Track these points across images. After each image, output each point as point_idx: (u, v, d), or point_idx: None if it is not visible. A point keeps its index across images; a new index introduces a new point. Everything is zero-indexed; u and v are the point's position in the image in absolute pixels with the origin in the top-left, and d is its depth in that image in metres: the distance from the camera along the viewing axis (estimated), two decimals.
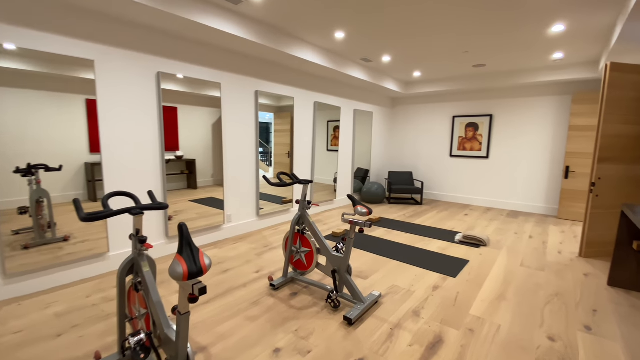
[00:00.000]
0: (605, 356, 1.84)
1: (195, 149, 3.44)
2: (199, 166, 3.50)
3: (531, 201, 5.68)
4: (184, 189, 3.40)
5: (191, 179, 3.45)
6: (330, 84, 5.31)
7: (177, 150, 3.30)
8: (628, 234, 2.66)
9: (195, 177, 3.49)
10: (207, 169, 3.57)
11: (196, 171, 3.49)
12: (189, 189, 3.45)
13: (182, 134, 3.30)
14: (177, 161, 3.32)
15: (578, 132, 4.99)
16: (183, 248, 1.20)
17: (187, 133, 3.34)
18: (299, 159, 4.84)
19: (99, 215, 1.38)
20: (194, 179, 3.48)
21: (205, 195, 3.58)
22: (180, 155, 3.33)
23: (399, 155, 7.24)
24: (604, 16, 2.99)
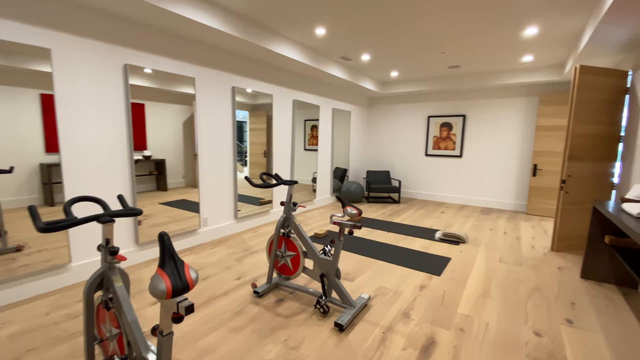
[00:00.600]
0: (589, 348, 1.90)
1: (164, 148, 3.20)
2: (169, 166, 3.26)
3: (502, 198, 5.93)
4: (152, 190, 3.15)
5: (160, 180, 3.21)
6: (310, 82, 5.21)
7: (144, 150, 3.05)
8: (599, 228, 2.79)
9: (165, 178, 3.25)
10: (177, 169, 3.34)
11: (166, 172, 3.25)
12: (159, 191, 3.20)
13: (150, 132, 3.05)
14: (145, 161, 3.06)
15: (545, 132, 5.26)
16: (165, 261, 1.05)
17: (156, 131, 3.10)
18: (277, 158, 4.69)
19: (60, 224, 1.19)
20: (164, 180, 3.24)
21: (176, 198, 3.34)
22: (149, 155, 3.08)
23: (377, 154, 7.29)
24: (575, 20, 3.13)
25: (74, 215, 1.29)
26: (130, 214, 1.46)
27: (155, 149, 3.12)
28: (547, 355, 1.84)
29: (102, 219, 1.33)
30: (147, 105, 3.00)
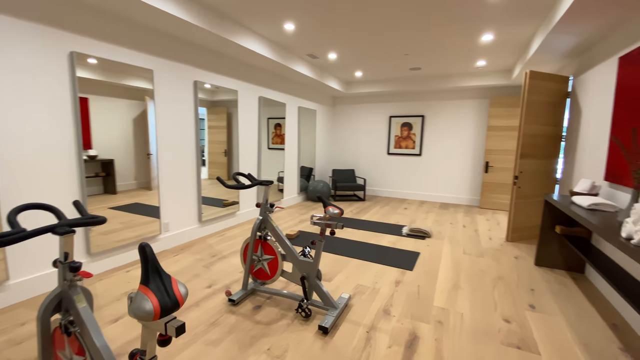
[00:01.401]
0: (553, 330, 2.07)
1: (112, 147, 2.86)
2: (118, 167, 2.93)
3: (458, 193, 6.32)
4: (99, 194, 2.80)
5: (108, 182, 2.87)
6: (276, 79, 5.07)
7: (89, 150, 2.70)
8: (551, 219, 3.08)
9: (114, 180, 2.91)
10: (128, 170, 3.01)
11: (115, 173, 2.92)
12: (107, 194, 2.86)
13: (95, 130, 2.71)
14: (90, 162, 2.72)
15: (495, 132, 5.70)
16: (149, 276, 0.91)
17: (102, 129, 2.75)
18: (243, 157, 4.49)
19: (8, 238, 0.98)
20: (112, 183, 2.90)
21: (128, 201, 3.02)
22: (94, 154, 2.74)
23: (341, 153, 7.35)
24: (527, 29, 3.41)
25: (21, 227, 1.08)
26: (91, 222, 1.27)
27: (101, 148, 2.78)
28: (519, 340, 1.97)
29: (59, 230, 1.13)
30: (91, 100, 2.65)
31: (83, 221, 1.25)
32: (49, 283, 2.45)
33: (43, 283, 2.41)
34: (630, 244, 1.52)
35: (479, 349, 1.87)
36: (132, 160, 3.04)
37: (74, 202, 1.41)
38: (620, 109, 2.50)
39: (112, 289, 2.51)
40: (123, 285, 2.57)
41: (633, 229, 1.56)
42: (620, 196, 2.46)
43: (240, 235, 3.96)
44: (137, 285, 2.57)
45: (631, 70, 2.35)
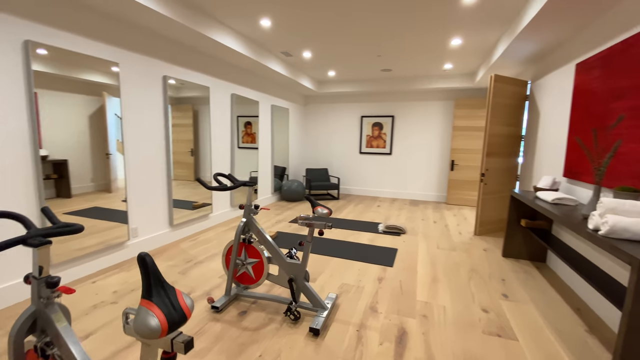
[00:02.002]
0: (526, 317, 2.22)
1: (65, 147, 2.58)
2: (72, 169, 2.66)
3: (426, 190, 6.59)
4: (51, 198, 2.51)
5: (62, 185, 2.59)
6: (249, 76, 4.92)
7: (39, 149, 2.43)
8: (516, 214, 3.31)
9: (68, 183, 2.64)
10: (84, 171, 2.74)
11: (69, 175, 2.64)
12: (60, 198, 2.58)
13: (45, 128, 2.44)
14: (41, 163, 2.44)
15: (460, 132, 6.02)
16: (152, 289, 0.82)
17: (53, 127, 2.48)
18: (215, 157, 4.31)
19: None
20: (66, 185, 2.62)
21: (85, 205, 2.75)
22: (45, 155, 2.46)
23: (314, 152, 7.34)
24: (492, 35, 3.62)
25: None
26: (67, 230, 1.13)
27: (53, 147, 2.50)
28: (498, 328, 2.09)
29: (33, 241, 1.00)
30: (40, 95, 2.38)
31: (58, 230, 1.11)
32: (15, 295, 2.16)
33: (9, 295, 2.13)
34: (597, 235, 1.67)
35: (464, 340, 1.96)
36: (89, 161, 2.77)
37: (43, 208, 1.25)
38: (577, 112, 2.74)
39: (78, 303, 2.28)
40: (91, 298, 2.35)
41: (600, 221, 1.72)
42: (577, 191, 2.71)
43: (214, 238, 3.80)
44: (106, 297, 2.36)
45: (587, 76, 2.59)
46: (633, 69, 2.03)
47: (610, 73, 2.28)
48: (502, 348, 1.88)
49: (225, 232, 4.06)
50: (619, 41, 2.18)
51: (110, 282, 2.59)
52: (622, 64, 2.15)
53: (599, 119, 2.39)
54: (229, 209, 4.64)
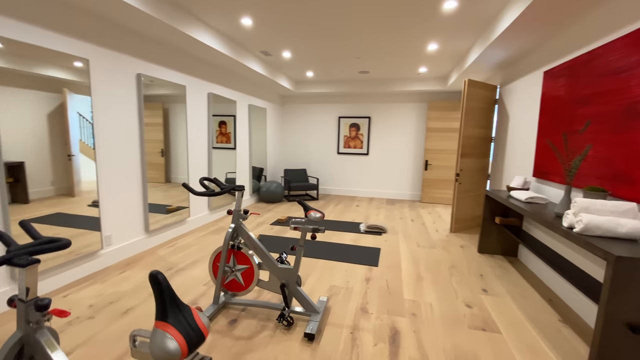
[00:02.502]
0: (505, 310, 2.36)
1: (20, 148, 2.36)
2: (30, 172, 2.43)
3: (401, 190, 6.79)
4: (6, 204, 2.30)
5: (18, 189, 2.37)
6: (226, 75, 4.77)
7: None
8: (491, 211, 3.50)
9: (25, 187, 2.41)
10: (43, 174, 2.51)
11: (26, 179, 2.42)
12: (16, 204, 2.35)
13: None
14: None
15: (433, 133, 6.25)
16: (167, 309, 0.77)
17: (7, 126, 2.26)
18: (193, 157, 4.14)
19: None
20: (23, 190, 2.39)
21: (46, 211, 2.53)
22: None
23: (292, 153, 7.29)
24: (466, 41, 3.79)
25: None
26: (55, 247, 1.04)
27: (6, 149, 2.27)
28: (482, 322, 2.20)
29: (20, 260, 0.90)
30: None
31: (44, 247, 1.02)
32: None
33: None
34: (572, 232, 1.81)
35: (452, 335, 2.04)
36: (49, 163, 2.54)
37: (21, 222, 1.14)
38: (545, 116, 2.95)
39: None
40: None
41: (574, 219, 1.86)
42: (546, 190, 2.91)
43: (194, 244, 3.65)
44: (82, 312, 2.18)
45: (554, 84, 2.80)
46: (597, 79, 2.22)
47: (576, 81, 2.48)
48: (487, 342, 1.98)
49: (204, 236, 3.92)
50: (584, 52, 2.38)
51: (84, 296, 2.41)
52: (587, 73, 2.34)
53: (566, 123, 2.59)
54: (206, 212, 4.49)
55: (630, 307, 1.46)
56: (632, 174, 1.88)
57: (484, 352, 1.88)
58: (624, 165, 1.95)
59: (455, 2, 2.77)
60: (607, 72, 2.13)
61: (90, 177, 2.81)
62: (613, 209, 1.76)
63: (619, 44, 2.02)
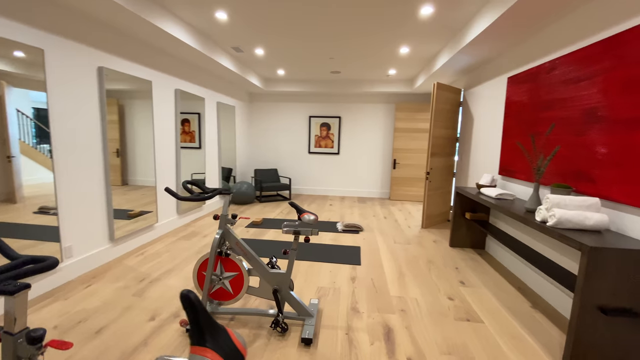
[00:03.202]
0: (483, 300, 2.52)
1: None
2: None
3: (371, 188, 6.97)
4: None
5: None
6: (195, 70, 4.51)
7: None
8: (461, 207, 3.71)
9: None
10: None
11: None
12: None
13: None
14: None
15: (400, 133, 6.49)
16: (204, 333, 0.70)
17: None
18: (160, 158, 3.87)
19: None
20: None
21: None
22: None
23: (262, 152, 7.12)
24: (436, 46, 3.98)
25: None
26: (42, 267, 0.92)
27: None
28: (465, 313, 2.33)
29: (7, 287, 0.77)
30: None
31: (31, 268, 0.88)
32: None
33: None
34: (545, 226, 1.98)
35: (441, 328, 2.13)
36: None
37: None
38: (509, 119, 3.19)
39: None
40: None
41: (547, 214, 2.04)
42: (511, 186, 3.16)
43: (165, 251, 3.42)
44: (47, 335, 1.93)
45: (518, 89, 3.04)
46: (559, 86, 2.45)
47: (539, 87, 2.71)
48: (473, 331, 2.11)
49: (175, 243, 3.68)
50: (547, 61, 2.61)
51: (46, 315, 2.13)
52: (549, 80, 2.57)
53: (530, 126, 2.83)
54: (175, 216, 4.22)
55: (601, 292, 1.63)
56: (592, 172, 2.10)
57: (472, 342, 2.00)
58: (584, 165, 2.18)
59: (432, 7, 2.89)
60: (567, 80, 2.35)
61: (33, 181, 2.49)
62: (580, 204, 1.96)
63: (578, 55, 2.24)
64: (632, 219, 1.81)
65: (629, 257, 1.59)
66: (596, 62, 2.08)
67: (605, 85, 2.00)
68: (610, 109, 1.97)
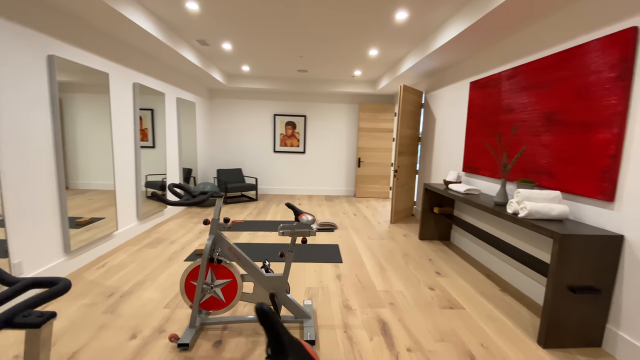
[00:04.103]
0: (460, 288, 2.73)
1: None
2: None
3: (337, 186, 7.09)
4: None
5: None
6: (155, 63, 4.14)
7: None
8: (429, 202, 3.96)
9: None
10: None
11: None
12: None
13: None
14: None
15: (364, 133, 6.70)
16: (287, 349, 0.66)
17: None
18: (118, 158, 3.50)
19: None
20: None
21: None
22: None
23: (225, 151, 6.81)
24: (403, 50, 4.17)
25: None
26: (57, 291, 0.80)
27: None
28: (447, 302, 2.50)
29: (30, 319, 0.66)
30: None
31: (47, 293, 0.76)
32: None
33: None
34: (517, 217, 2.21)
35: (430, 317, 2.27)
36: None
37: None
38: (473, 120, 3.49)
39: None
40: None
41: (517, 207, 2.27)
42: (474, 182, 3.46)
43: (130, 261, 3.11)
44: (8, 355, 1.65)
45: (481, 93, 3.33)
46: (520, 91, 2.73)
47: (500, 92, 3.00)
48: (457, 317, 2.27)
49: (139, 251, 3.37)
50: (509, 68, 2.90)
51: (2, 344, 1.81)
52: (510, 86, 2.86)
53: (493, 127, 3.12)
54: (135, 223, 3.86)
55: (569, 273, 1.88)
56: (551, 168, 2.39)
57: (458, 327, 2.15)
58: (544, 162, 2.47)
59: (406, 13, 3.02)
60: (528, 86, 2.64)
61: None
62: (545, 197, 2.22)
63: (537, 65, 2.53)
64: (588, 208, 2.10)
65: (591, 241, 1.85)
66: (553, 71, 2.37)
67: (562, 92, 2.29)
68: (566, 113, 2.26)
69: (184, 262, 3.13)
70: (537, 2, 2.21)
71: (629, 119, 1.83)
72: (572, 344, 1.95)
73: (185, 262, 3.12)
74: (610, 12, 1.93)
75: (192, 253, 3.36)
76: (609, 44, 1.91)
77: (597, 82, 2.01)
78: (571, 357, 1.88)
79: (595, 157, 2.02)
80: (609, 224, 1.95)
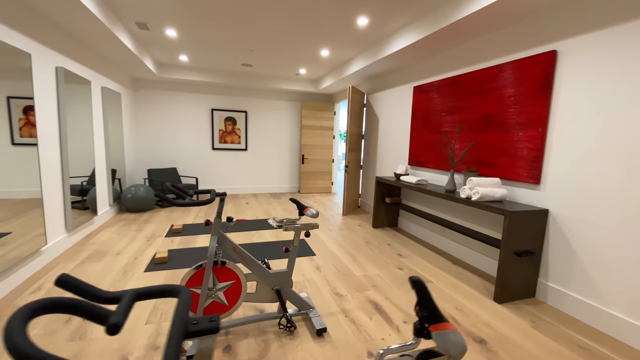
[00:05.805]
0: (422, 265, 3.14)
1: None
2: None
3: (281, 183, 7.09)
4: None
5: None
6: (81, 46, 3.47)
7: None
8: (381, 193, 4.36)
9: None
10: None
11: None
12: None
13: None
14: None
15: (307, 130, 6.86)
16: (438, 311, 0.76)
17: None
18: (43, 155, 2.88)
19: None
20: None
21: None
22: None
23: (156, 149, 6.09)
24: (352, 52, 4.45)
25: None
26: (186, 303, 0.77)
27: None
28: None
29: (209, 323, 0.64)
30: None
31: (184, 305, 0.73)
32: None
33: None
34: (471, 201, 2.69)
35: (409, 293, 2.58)
36: None
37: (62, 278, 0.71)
38: (416, 120, 3.98)
39: None
40: None
41: (470, 192, 2.75)
42: (420, 173, 3.97)
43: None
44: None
45: (424, 96, 3.83)
46: (461, 96, 3.27)
47: (443, 96, 3.52)
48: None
49: (80, 266, 2.86)
50: (451, 76, 3.42)
51: None
52: (452, 91, 3.39)
53: (436, 126, 3.64)
54: (64, 235, 3.23)
55: (515, 242, 2.39)
56: (490, 159, 2.96)
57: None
58: (484, 155, 3.03)
59: (367, 19, 3.28)
60: (468, 92, 3.19)
61: None
62: (490, 183, 2.75)
63: (479, 74, 3.07)
64: (520, 190, 2.69)
65: (528, 215, 2.39)
66: (491, 81, 2.92)
67: (498, 98, 2.85)
68: (502, 115, 2.83)
69: (143, 273, 2.79)
70: (486, 21, 2.69)
71: (549, 120, 2.42)
72: (517, 297, 2.49)
73: (145, 274, 2.78)
74: (539, 36, 2.51)
75: (150, 262, 3.01)
76: (536, 62, 2.49)
77: (526, 91, 2.58)
78: (518, 307, 2.40)
79: (526, 150, 2.60)
80: (537, 202, 2.54)
